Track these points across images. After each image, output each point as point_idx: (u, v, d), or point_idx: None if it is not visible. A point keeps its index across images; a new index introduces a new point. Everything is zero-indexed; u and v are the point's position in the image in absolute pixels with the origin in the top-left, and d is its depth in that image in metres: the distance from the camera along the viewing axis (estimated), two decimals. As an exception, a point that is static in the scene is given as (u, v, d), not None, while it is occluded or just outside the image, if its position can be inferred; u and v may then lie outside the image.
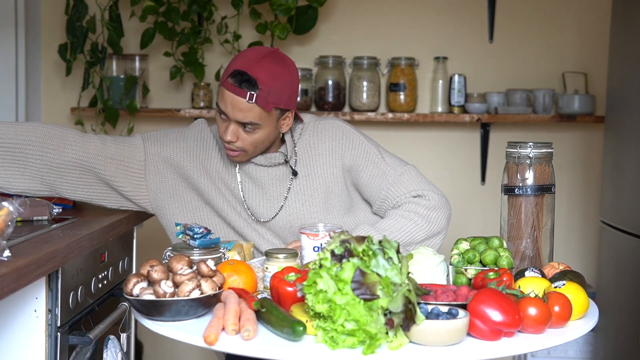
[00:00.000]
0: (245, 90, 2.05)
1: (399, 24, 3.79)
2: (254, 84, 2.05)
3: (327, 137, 2.26)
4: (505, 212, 2.04)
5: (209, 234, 1.95)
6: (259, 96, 2.06)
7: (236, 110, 2.07)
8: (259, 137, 2.13)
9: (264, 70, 2.07)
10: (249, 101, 2.05)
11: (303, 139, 2.27)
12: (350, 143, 2.25)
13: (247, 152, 2.16)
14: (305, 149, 2.26)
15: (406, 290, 1.49)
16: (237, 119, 2.09)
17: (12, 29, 3.56)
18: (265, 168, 2.24)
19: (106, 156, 2.22)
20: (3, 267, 1.54)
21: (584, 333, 1.70)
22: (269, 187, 2.25)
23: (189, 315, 1.65)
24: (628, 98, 3.15)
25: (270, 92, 2.07)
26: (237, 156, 2.17)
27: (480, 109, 3.66)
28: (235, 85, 2.06)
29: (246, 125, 2.10)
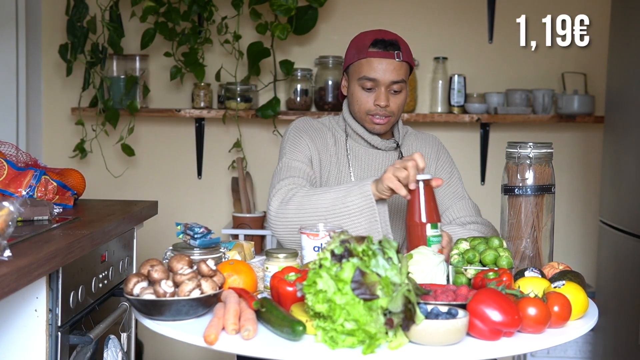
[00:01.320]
0: (393, 52, 2.29)
1: (399, 24, 3.78)
2: (397, 45, 2.31)
3: (428, 143, 2.46)
4: (505, 212, 2.05)
5: (209, 234, 1.95)
6: (404, 53, 2.32)
7: (389, 71, 2.28)
8: (402, 100, 2.34)
9: (391, 34, 2.35)
10: (398, 59, 2.29)
11: (407, 140, 2.45)
12: (444, 157, 2.46)
13: (394, 116, 2.33)
14: (408, 150, 2.43)
15: (406, 290, 1.49)
16: (391, 79, 2.28)
17: (12, 29, 3.56)
18: (375, 151, 2.37)
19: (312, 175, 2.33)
20: (4, 266, 1.54)
21: (583, 333, 1.70)
22: (377, 172, 2.36)
23: (189, 315, 1.65)
24: (627, 98, 3.15)
25: (407, 51, 2.35)
26: (385, 123, 2.33)
27: (480, 109, 3.66)
28: (382, 50, 2.29)
29: (394, 88, 2.30)
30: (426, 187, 1.99)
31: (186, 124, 3.87)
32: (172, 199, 3.82)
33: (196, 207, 3.88)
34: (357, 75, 2.31)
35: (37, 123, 3.80)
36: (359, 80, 2.30)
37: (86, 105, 3.74)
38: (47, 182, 2.30)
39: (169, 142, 3.89)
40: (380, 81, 2.28)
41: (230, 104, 3.66)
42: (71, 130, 3.82)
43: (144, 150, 3.86)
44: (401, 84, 2.30)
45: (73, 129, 3.81)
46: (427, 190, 1.99)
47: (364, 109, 2.31)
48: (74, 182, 2.46)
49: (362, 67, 2.30)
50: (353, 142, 2.39)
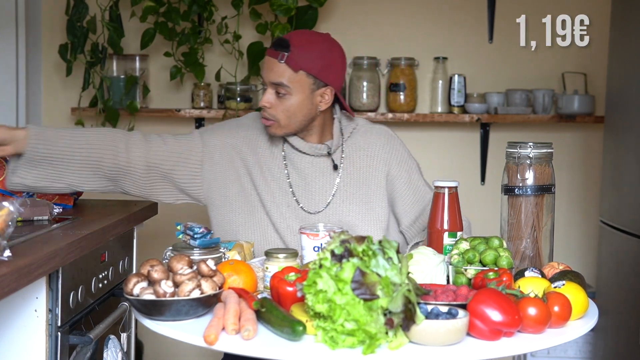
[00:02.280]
0: (278, 52, 2.18)
1: (399, 24, 3.79)
2: (287, 45, 2.18)
3: (378, 141, 2.34)
4: (505, 212, 2.04)
5: (209, 234, 1.95)
6: (289, 56, 2.17)
7: (269, 71, 2.19)
8: (290, 105, 2.20)
9: (299, 37, 2.23)
10: (280, 61, 2.17)
11: (353, 138, 2.34)
12: (398, 153, 2.35)
13: (280, 122, 2.22)
14: (354, 149, 2.33)
15: (406, 290, 1.49)
16: (270, 80, 2.19)
17: (12, 29, 3.56)
18: (309, 157, 2.30)
19: (166, 151, 2.30)
20: (3, 267, 1.54)
21: (583, 333, 1.70)
22: (312, 179, 2.29)
23: (189, 315, 1.65)
24: (628, 98, 3.15)
25: (301, 55, 2.18)
26: (271, 126, 2.24)
27: (480, 109, 3.66)
28: (272, 49, 2.21)
29: (279, 91, 2.19)
30: (450, 194, 1.99)
31: (186, 124, 3.86)
32: (172, 199, 3.81)
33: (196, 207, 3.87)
34: None
35: (37, 123, 3.80)
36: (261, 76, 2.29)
37: (86, 105, 3.73)
38: (47, 182, 2.29)
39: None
40: (265, 80, 2.23)
41: (230, 104, 3.66)
42: (71, 130, 3.82)
43: (144, 150, 3.85)
44: (285, 88, 2.17)
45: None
46: (451, 198, 1.99)
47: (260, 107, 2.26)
48: (74, 182, 2.45)
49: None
50: (288, 145, 2.31)
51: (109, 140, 2.27)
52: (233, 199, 2.32)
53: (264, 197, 2.29)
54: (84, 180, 2.26)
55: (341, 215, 2.28)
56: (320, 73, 2.20)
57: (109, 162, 2.25)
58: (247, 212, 2.30)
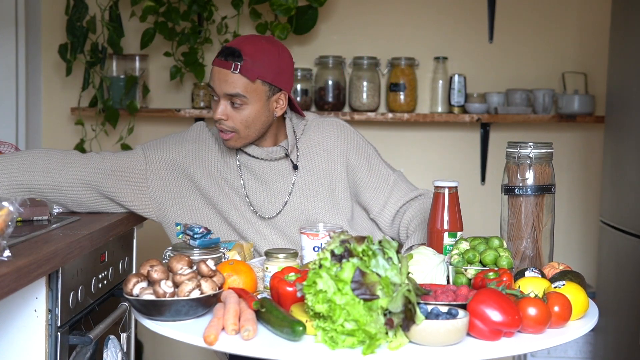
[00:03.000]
0: (230, 62, 2.11)
1: (399, 24, 3.79)
2: (239, 55, 2.11)
3: (331, 134, 2.30)
4: (505, 212, 2.04)
5: (209, 234, 1.95)
6: (243, 66, 2.10)
7: (222, 82, 2.11)
8: (248, 115, 2.14)
9: (249, 45, 2.14)
10: (234, 71, 2.10)
11: (306, 135, 2.30)
12: (354, 143, 2.30)
13: (239, 133, 2.17)
14: (309, 145, 2.29)
15: (406, 290, 1.49)
16: (225, 91, 2.12)
17: (12, 29, 3.56)
18: (267, 162, 2.26)
19: (106, 170, 2.24)
20: (3, 267, 1.54)
21: (583, 333, 1.70)
22: (272, 183, 2.26)
23: (189, 315, 1.65)
24: (628, 98, 3.15)
25: (255, 64, 2.11)
26: (230, 139, 2.18)
27: (480, 109, 3.66)
28: (221, 59, 2.12)
29: (234, 102, 2.13)
30: (450, 194, 1.99)
31: (186, 124, 3.86)
32: (172, 199, 3.82)
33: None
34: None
35: (36, 123, 3.80)
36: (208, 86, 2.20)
37: (86, 105, 3.73)
38: (46, 182, 2.29)
39: (169, 142, 3.88)
40: (216, 91, 2.14)
41: (230, 104, 3.66)
42: (71, 130, 3.82)
43: (143, 150, 3.85)
44: (241, 98, 2.11)
45: (73, 128, 3.80)
46: (451, 198, 1.99)
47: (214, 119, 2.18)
48: (74, 182, 2.45)
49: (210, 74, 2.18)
50: (243, 153, 2.26)
51: (40, 161, 2.21)
52: (187, 215, 2.27)
53: (224, 207, 2.25)
54: None
55: (304, 213, 2.25)
56: (274, 79, 2.15)
57: (41, 184, 2.20)
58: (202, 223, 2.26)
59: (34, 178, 2.20)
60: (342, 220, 2.26)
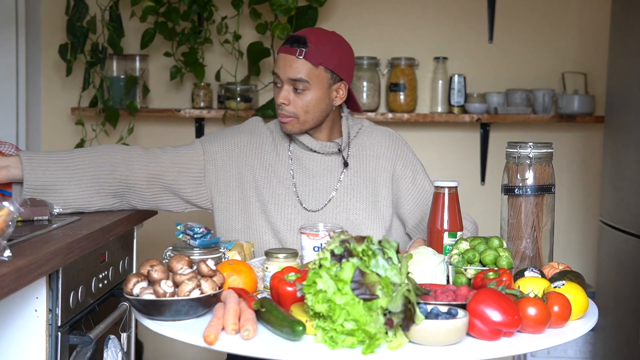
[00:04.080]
0: (296, 48, 2.20)
1: (399, 24, 3.80)
2: (304, 42, 2.21)
3: (383, 142, 2.36)
4: (505, 212, 2.04)
5: (209, 234, 1.95)
6: (308, 52, 2.19)
7: (287, 68, 2.20)
8: (310, 100, 2.22)
9: (314, 34, 2.25)
10: (298, 56, 2.19)
11: (359, 138, 2.36)
12: (403, 154, 2.36)
13: (298, 118, 2.24)
14: (360, 148, 2.35)
15: (406, 290, 1.49)
16: (288, 76, 2.20)
17: (12, 29, 3.56)
18: (318, 156, 2.31)
19: (167, 163, 2.30)
20: (3, 266, 1.54)
21: (583, 333, 1.70)
22: (320, 176, 2.31)
23: (189, 315, 1.65)
24: (628, 98, 3.15)
25: (319, 51, 2.21)
26: (289, 123, 2.25)
27: (480, 109, 3.66)
28: (287, 46, 2.22)
29: (297, 87, 2.21)
30: (450, 194, 1.99)
31: (186, 124, 3.87)
32: (172, 199, 3.82)
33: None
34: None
35: (37, 123, 3.80)
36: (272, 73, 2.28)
37: (86, 105, 3.74)
38: (47, 182, 2.29)
39: (169, 142, 3.86)
40: (281, 77, 2.23)
41: (230, 104, 3.66)
42: (71, 130, 3.82)
43: (144, 150, 3.85)
44: (304, 84, 2.20)
45: (73, 129, 3.81)
46: (451, 198, 1.99)
47: (276, 103, 2.27)
48: (74, 182, 2.45)
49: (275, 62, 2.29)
50: (296, 145, 2.33)
51: (105, 157, 2.26)
52: (233, 206, 2.32)
53: (267, 201, 2.30)
54: (88, 200, 2.24)
55: (346, 212, 2.29)
56: (336, 68, 2.24)
57: (109, 178, 2.25)
58: (246, 219, 2.30)
59: (102, 174, 2.24)
60: (380, 227, 2.29)
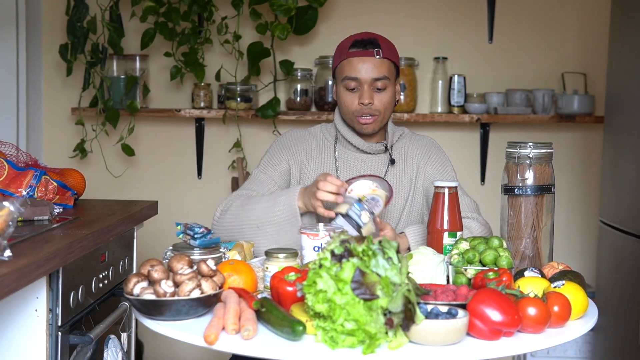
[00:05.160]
0: (372, 50, 2.29)
1: (399, 24, 3.80)
2: (376, 43, 2.31)
3: (422, 146, 2.44)
4: (505, 212, 2.05)
5: (209, 234, 1.95)
6: (383, 51, 2.30)
7: (369, 69, 2.29)
8: (388, 97, 2.32)
9: (375, 35, 2.35)
10: (378, 56, 2.29)
11: (400, 142, 2.43)
12: (440, 160, 2.43)
13: (380, 114, 2.31)
14: (401, 151, 2.41)
15: (406, 290, 1.49)
16: (372, 76, 2.28)
17: (12, 29, 3.56)
18: (364, 155, 2.38)
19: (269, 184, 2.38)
20: (4, 266, 1.54)
21: (583, 333, 1.70)
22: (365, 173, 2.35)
23: (189, 314, 1.65)
24: (627, 98, 3.15)
25: (389, 48, 2.33)
26: (372, 122, 2.32)
27: (479, 109, 3.66)
28: (360, 49, 2.30)
29: (378, 86, 2.29)
30: (450, 194, 2.00)
31: (186, 124, 3.87)
32: (172, 199, 3.82)
33: (196, 207, 3.88)
34: (341, 77, 2.33)
35: (37, 123, 3.80)
36: (343, 81, 2.32)
37: (86, 105, 3.74)
38: (47, 182, 2.30)
39: (169, 142, 3.89)
40: (362, 79, 2.29)
41: (230, 104, 3.66)
42: (71, 130, 3.82)
43: (144, 150, 3.86)
44: (384, 81, 2.29)
45: (73, 129, 3.81)
46: (451, 198, 2.00)
47: (350, 110, 2.32)
48: (74, 182, 2.46)
49: (343, 68, 2.32)
50: (342, 147, 2.40)
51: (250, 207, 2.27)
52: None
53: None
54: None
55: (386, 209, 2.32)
56: (398, 64, 2.37)
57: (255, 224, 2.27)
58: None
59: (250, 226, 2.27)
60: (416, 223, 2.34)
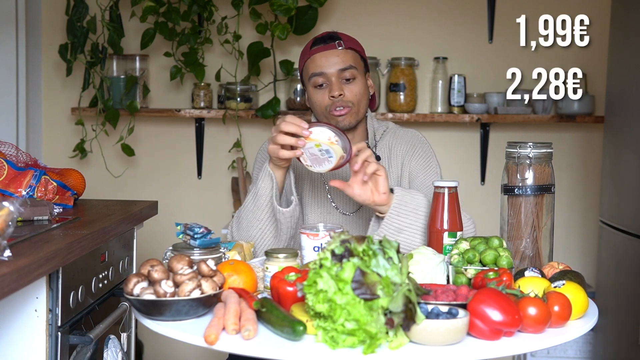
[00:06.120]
0: (332, 43, 2.29)
1: (399, 24, 3.80)
2: (336, 37, 2.31)
3: (406, 141, 2.40)
4: (505, 212, 2.04)
5: (209, 234, 1.95)
6: (345, 41, 2.30)
7: (333, 62, 2.27)
8: (359, 88, 2.29)
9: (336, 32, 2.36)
10: (340, 47, 2.29)
11: (385, 139, 2.39)
12: (424, 154, 2.40)
13: (354, 106, 2.28)
14: (385, 148, 2.38)
15: (406, 290, 1.49)
16: (338, 67, 2.27)
17: (12, 29, 3.56)
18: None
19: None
20: (4, 266, 1.54)
21: (583, 333, 1.70)
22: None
23: (189, 315, 1.65)
24: (628, 98, 3.15)
25: (350, 41, 2.33)
26: (346, 114, 2.28)
27: (480, 109, 3.66)
28: (321, 45, 2.30)
29: (346, 77, 2.27)
30: (450, 194, 2.00)
31: (186, 124, 3.87)
32: (172, 199, 3.82)
33: (196, 207, 3.88)
34: (307, 77, 2.31)
35: (37, 123, 3.80)
36: (310, 80, 2.30)
37: (86, 105, 3.74)
38: (47, 182, 2.30)
39: (169, 142, 3.89)
40: (328, 73, 2.27)
41: (230, 104, 3.66)
42: (71, 130, 3.82)
43: (144, 150, 3.86)
44: (351, 71, 2.27)
45: (73, 129, 3.81)
46: (451, 198, 2.00)
47: (322, 107, 2.29)
48: (74, 182, 2.46)
49: (308, 67, 2.31)
50: None
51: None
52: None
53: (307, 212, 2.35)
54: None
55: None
56: (364, 57, 2.35)
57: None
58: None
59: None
60: None
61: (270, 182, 2.16)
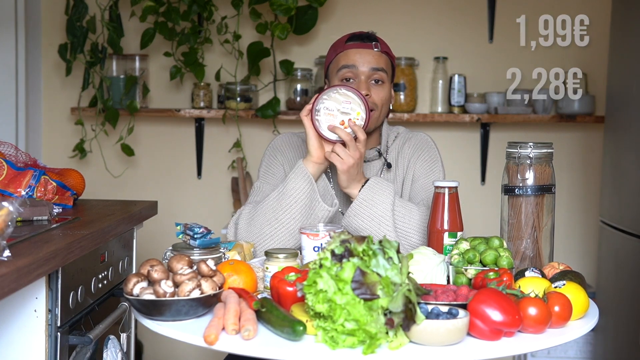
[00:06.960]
0: (370, 43, 2.27)
1: (399, 24, 3.79)
2: (374, 37, 2.30)
3: (413, 145, 2.39)
4: (505, 212, 2.04)
5: (209, 234, 1.95)
6: (382, 44, 2.29)
7: (367, 60, 2.25)
8: (385, 94, 2.28)
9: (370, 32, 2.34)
10: (376, 49, 2.27)
11: (395, 145, 2.39)
12: (429, 158, 2.39)
13: (377, 110, 2.26)
14: (394, 153, 2.38)
15: (406, 290, 1.49)
16: (371, 65, 2.25)
17: (12, 29, 3.56)
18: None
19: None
20: (3, 267, 1.54)
21: (584, 333, 1.70)
22: None
23: (189, 315, 1.65)
24: (628, 98, 3.15)
25: (386, 44, 2.32)
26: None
27: (480, 109, 3.66)
28: (358, 42, 2.27)
29: (376, 76, 2.25)
30: (450, 194, 2.00)
31: (186, 124, 3.86)
32: (172, 199, 3.82)
33: (196, 207, 3.88)
34: (336, 69, 2.27)
35: (36, 123, 3.80)
36: (339, 72, 2.26)
37: (86, 105, 3.73)
38: (46, 182, 2.29)
39: (169, 142, 3.89)
40: (360, 70, 2.24)
41: (230, 104, 3.66)
42: (71, 130, 3.82)
43: (143, 150, 3.86)
44: (382, 74, 2.26)
45: (73, 129, 3.80)
46: (451, 198, 2.00)
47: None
48: (74, 182, 2.46)
49: (339, 60, 2.27)
50: None
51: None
52: None
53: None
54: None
55: None
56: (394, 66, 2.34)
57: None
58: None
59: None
60: None
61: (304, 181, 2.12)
